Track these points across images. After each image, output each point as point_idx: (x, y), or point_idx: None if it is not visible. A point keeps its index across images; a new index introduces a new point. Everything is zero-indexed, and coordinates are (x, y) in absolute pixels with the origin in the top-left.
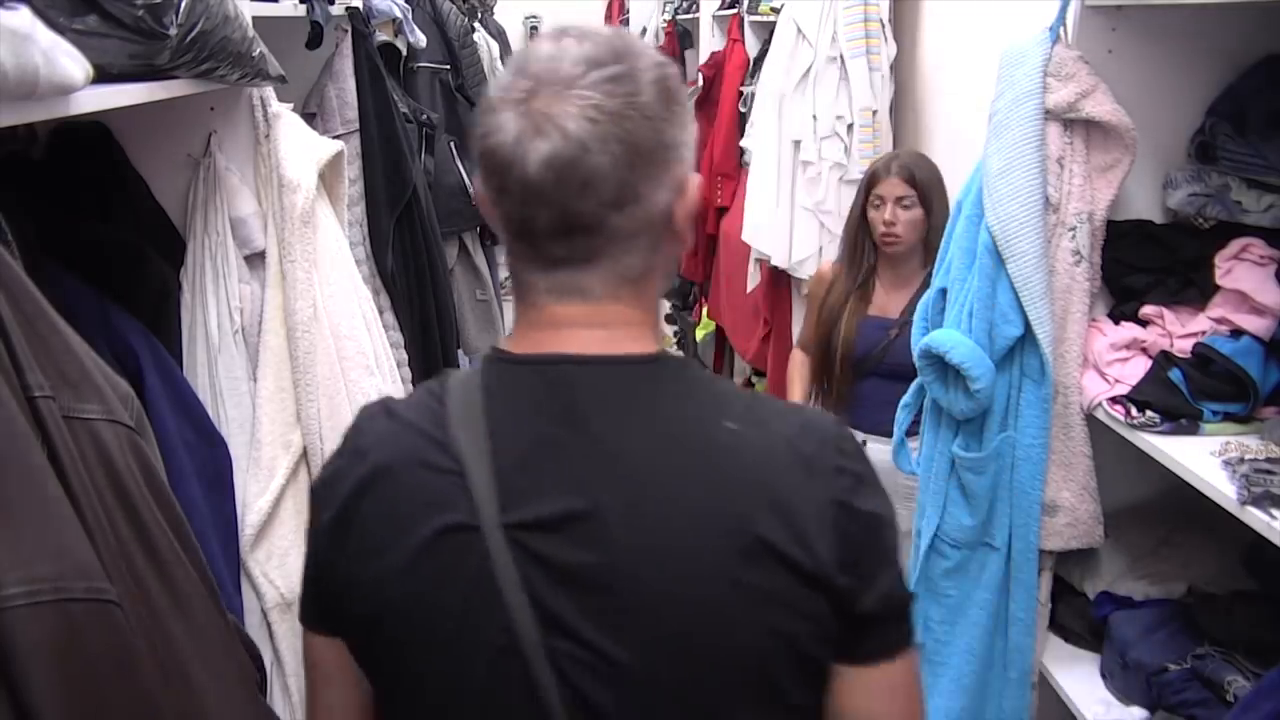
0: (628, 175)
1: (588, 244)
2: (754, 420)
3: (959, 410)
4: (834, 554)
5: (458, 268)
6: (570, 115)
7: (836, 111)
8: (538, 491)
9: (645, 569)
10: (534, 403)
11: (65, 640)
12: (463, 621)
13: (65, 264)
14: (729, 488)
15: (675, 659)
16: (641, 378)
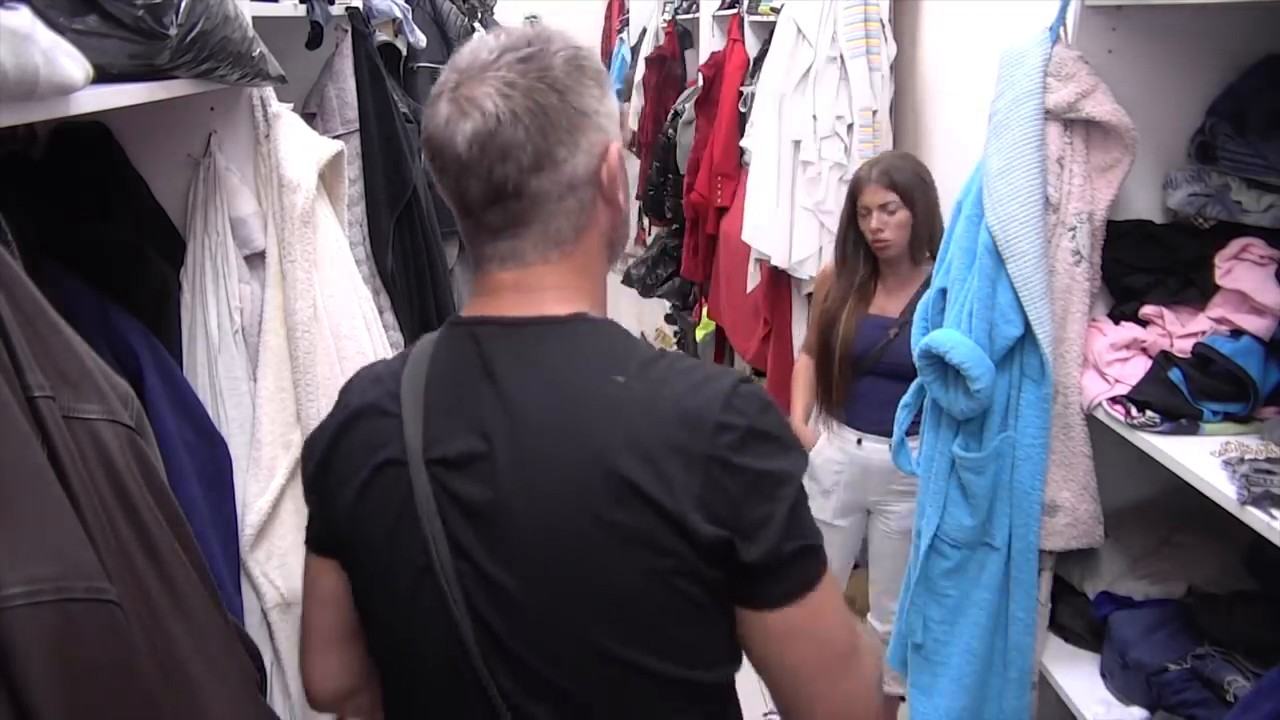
0: (541, 142)
1: (517, 209)
2: (648, 377)
3: (959, 410)
4: (704, 507)
5: (458, 268)
6: (487, 95)
7: (836, 111)
8: (452, 434)
9: (525, 506)
10: (463, 359)
11: (65, 640)
12: (393, 543)
13: (65, 264)
14: (601, 435)
15: (553, 589)
16: (547, 336)
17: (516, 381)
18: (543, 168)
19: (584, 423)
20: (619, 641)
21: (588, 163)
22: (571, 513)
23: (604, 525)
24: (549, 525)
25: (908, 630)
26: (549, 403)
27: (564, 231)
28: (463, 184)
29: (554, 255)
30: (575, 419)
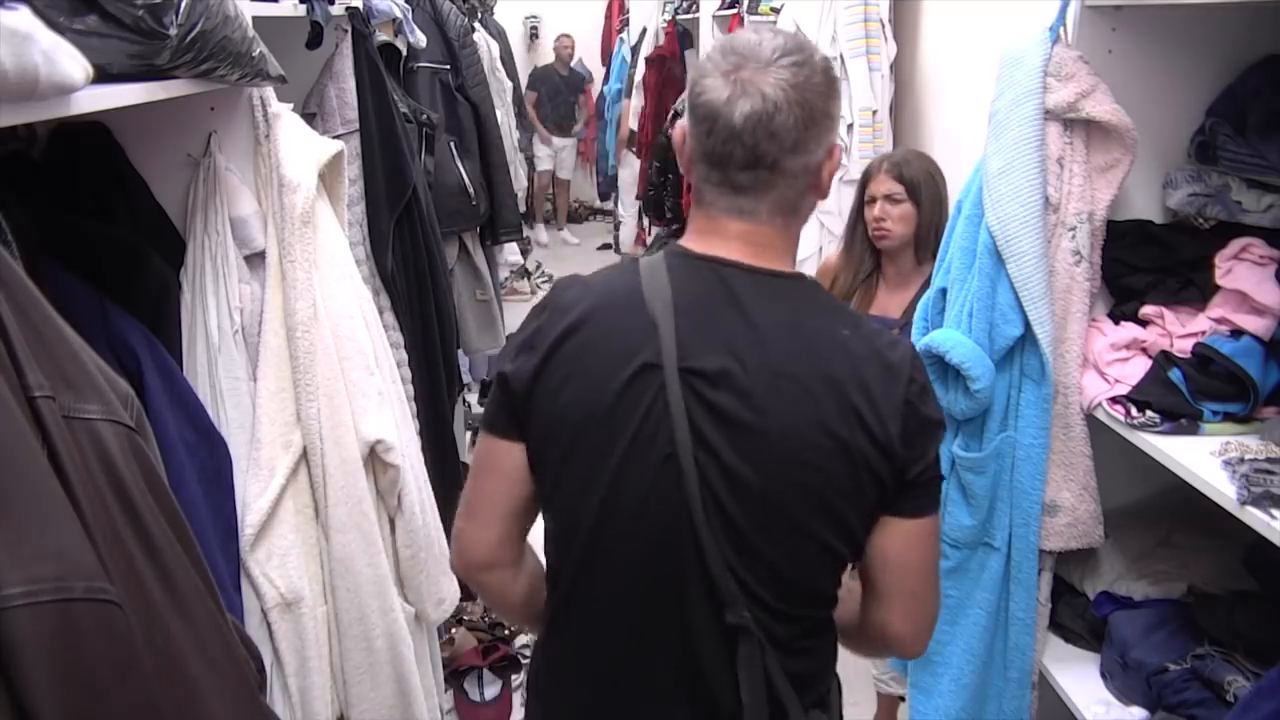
0: (802, 132)
1: (767, 177)
2: (859, 332)
3: (959, 410)
4: (899, 433)
5: (458, 268)
6: (768, 84)
7: None
8: (704, 349)
9: (769, 416)
10: (708, 287)
11: (65, 640)
12: (639, 433)
13: (65, 264)
14: (836, 370)
15: (784, 480)
16: (784, 287)
17: (765, 317)
18: (797, 151)
19: (821, 358)
20: (818, 523)
21: (821, 155)
22: (807, 426)
23: (831, 437)
24: (789, 433)
25: None
26: (793, 338)
27: (791, 201)
28: (729, 147)
29: (779, 220)
30: (815, 354)
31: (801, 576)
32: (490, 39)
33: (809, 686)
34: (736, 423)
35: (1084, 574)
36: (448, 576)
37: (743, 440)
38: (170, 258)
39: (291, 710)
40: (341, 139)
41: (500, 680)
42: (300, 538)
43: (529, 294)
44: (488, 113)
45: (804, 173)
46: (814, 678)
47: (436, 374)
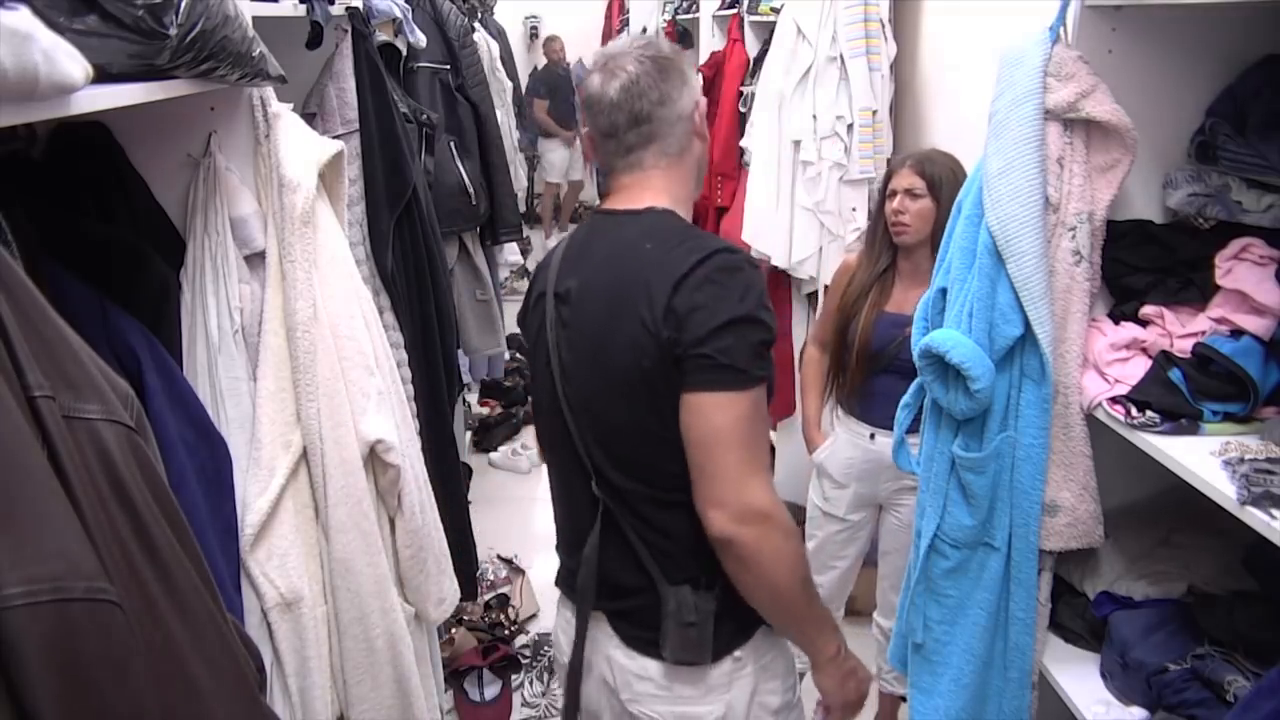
0: (662, 86)
1: (648, 129)
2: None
3: (959, 410)
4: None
5: (458, 268)
6: (630, 63)
7: (836, 111)
8: (566, 278)
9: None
10: (585, 232)
11: (65, 640)
12: (538, 340)
13: (65, 264)
14: (626, 275)
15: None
16: (629, 220)
17: (602, 247)
18: (663, 103)
19: (619, 269)
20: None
21: (687, 105)
22: (602, 321)
23: (619, 331)
24: (590, 328)
25: (908, 630)
26: (608, 257)
27: (671, 148)
28: (614, 117)
29: (663, 163)
30: (616, 267)
31: (630, 453)
32: (490, 39)
33: (677, 564)
34: (569, 327)
35: (1084, 574)
36: (448, 576)
37: (573, 340)
38: (170, 258)
39: (291, 710)
40: (341, 139)
41: (500, 680)
42: (300, 538)
43: None
44: (488, 113)
45: (677, 119)
46: (682, 557)
47: (436, 374)
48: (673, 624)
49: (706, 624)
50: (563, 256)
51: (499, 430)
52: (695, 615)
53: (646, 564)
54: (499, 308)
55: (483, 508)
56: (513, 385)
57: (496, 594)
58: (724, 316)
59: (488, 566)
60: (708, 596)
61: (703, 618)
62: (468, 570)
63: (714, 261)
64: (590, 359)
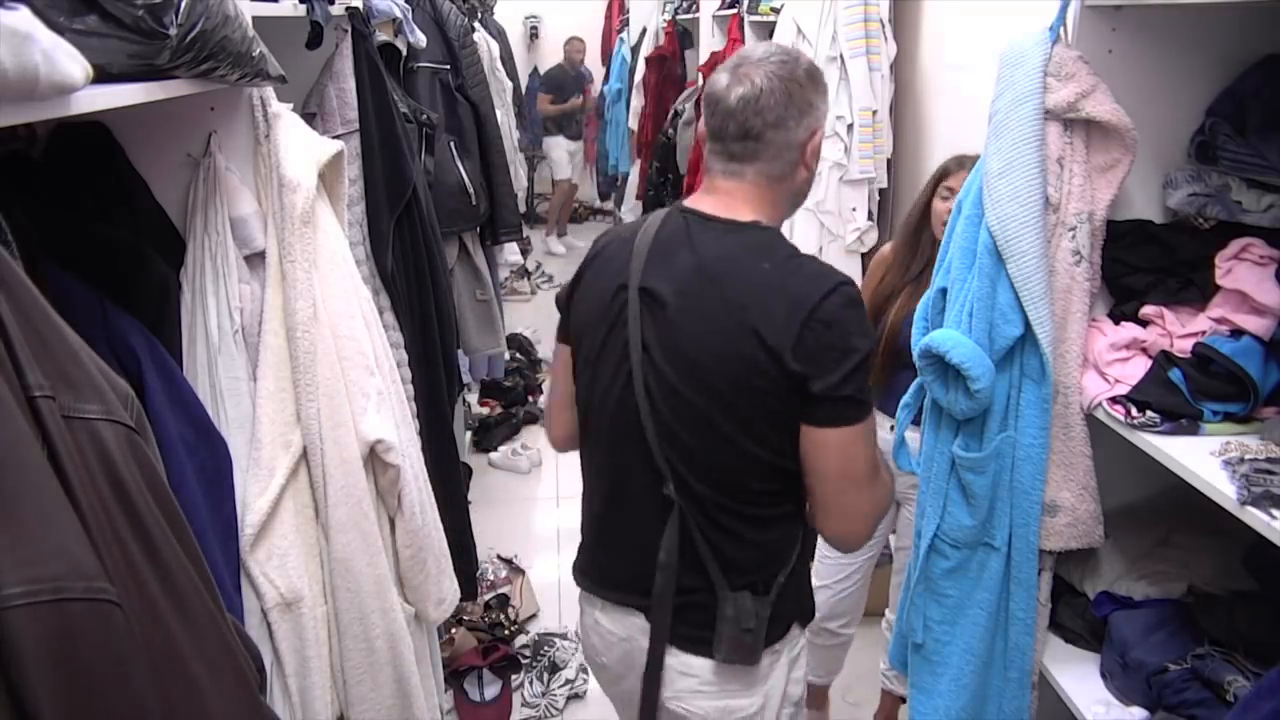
0: (783, 110)
1: (754, 146)
2: (783, 267)
3: (959, 410)
4: (792, 349)
5: (458, 268)
6: (759, 75)
7: (836, 111)
8: (658, 276)
9: (687, 326)
10: (677, 231)
11: (65, 640)
12: (610, 336)
13: (65, 264)
14: (746, 296)
15: (690, 380)
16: (732, 230)
17: (705, 254)
18: (779, 127)
19: (729, 286)
20: (722, 419)
21: (801, 135)
22: (711, 334)
23: (729, 350)
24: (695, 339)
25: (908, 630)
26: (716, 269)
27: (775, 171)
28: (726, 122)
29: (763, 182)
30: (725, 283)
31: (715, 465)
32: (490, 39)
33: (740, 571)
34: (665, 332)
35: (1084, 574)
36: (448, 576)
37: (668, 347)
38: (170, 258)
39: (291, 710)
40: (341, 139)
41: (500, 680)
42: (300, 538)
43: (529, 294)
44: (488, 113)
45: (786, 147)
46: (747, 565)
47: (436, 374)
48: (729, 628)
49: (763, 628)
50: (649, 251)
51: (499, 430)
52: (754, 622)
53: (710, 569)
54: (499, 308)
55: (483, 508)
56: (513, 385)
57: (496, 594)
58: (856, 356)
59: (488, 566)
60: (764, 602)
61: (760, 623)
62: (468, 570)
63: (841, 294)
64: (688, 368)
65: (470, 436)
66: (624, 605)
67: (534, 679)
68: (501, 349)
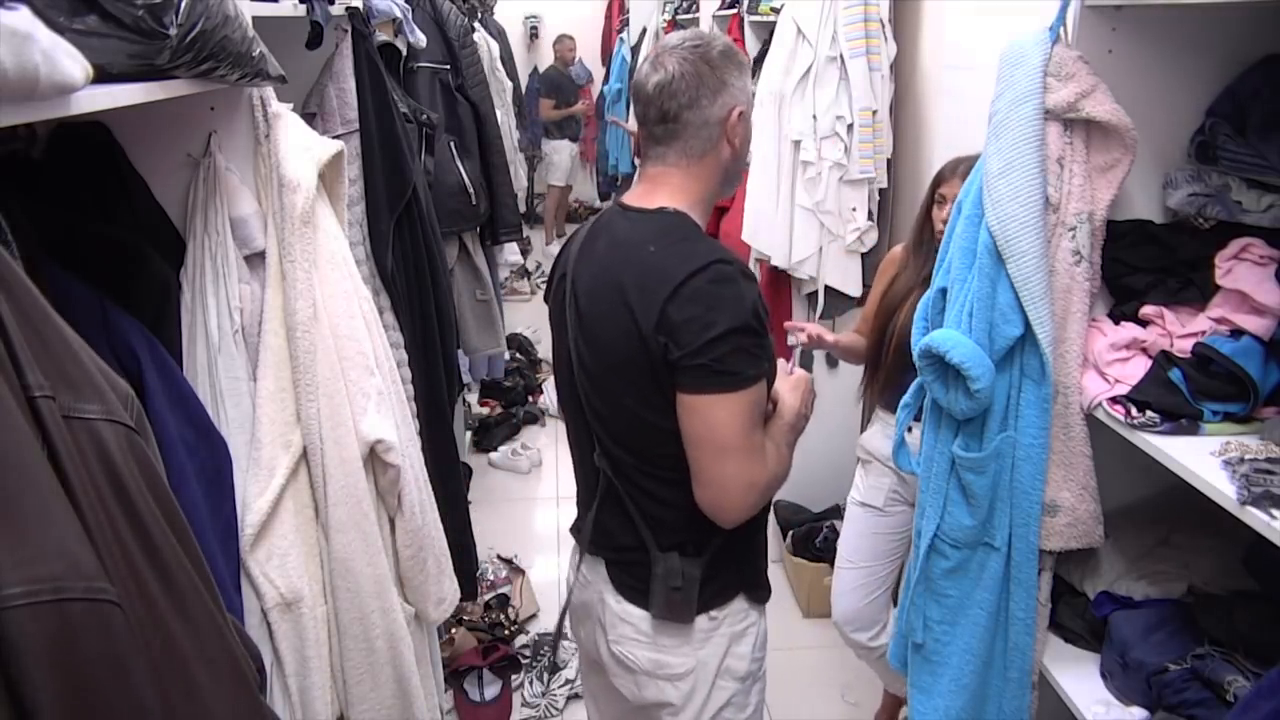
0: (694, 91)
1: (673, 128)
2: (667, 250)
3: (959, 410)
4: (655, 324)
5: (458, 268)
6: (672, 60)
7: (836, 111)
8: (583, 266)
9: (590, 307)
10: (606, 223)
11: (65, 640)
12: (559, 321)
13: (65, 264)
14: (625, 276)
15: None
16: (642, 219)
17: (613, 241)
18: (693, 107)
19: (621, 268)
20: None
21: (719, 112)
22: (602, 318)
23: (616, 326)
24: (594, 318)
25: (908, 630)
26: (613, 255)
27: (694, 149)
28: (648, 109)
29: (683, 163)
30: (618, 265)
31: (622, 431)
32: (490, 39)
33: (668, 531)
34: (578, 314)
35: (1084, 574)
36: (448, 576)
37: (582, 327)
38: (170, 258)
39: (291, 710)
40: (341, 139)
41: (500, 680)
42: (300, 538)
43: (529, 294)
44: (488, 113)
45: (703, 124)
46: (674, 525)
47: (436, 374)
48: (660, 586)
49: (692, 588)
50: (581, 241)
51: (499, 430)
52: (681, 581)
53: (640, 529)
54: (499, 308)
55: (483, 508)
56: (513, 385)
57: (496, 594)
58: (719, 329)
59: (488, 566)
60: (695, 563)
61: (689, 583)
62: (468, 570)
63: (709, 273)
64: (594, 346)
65: (470, 436)
66: (594, 554)
67: (534, 679)
68: (501, 349)
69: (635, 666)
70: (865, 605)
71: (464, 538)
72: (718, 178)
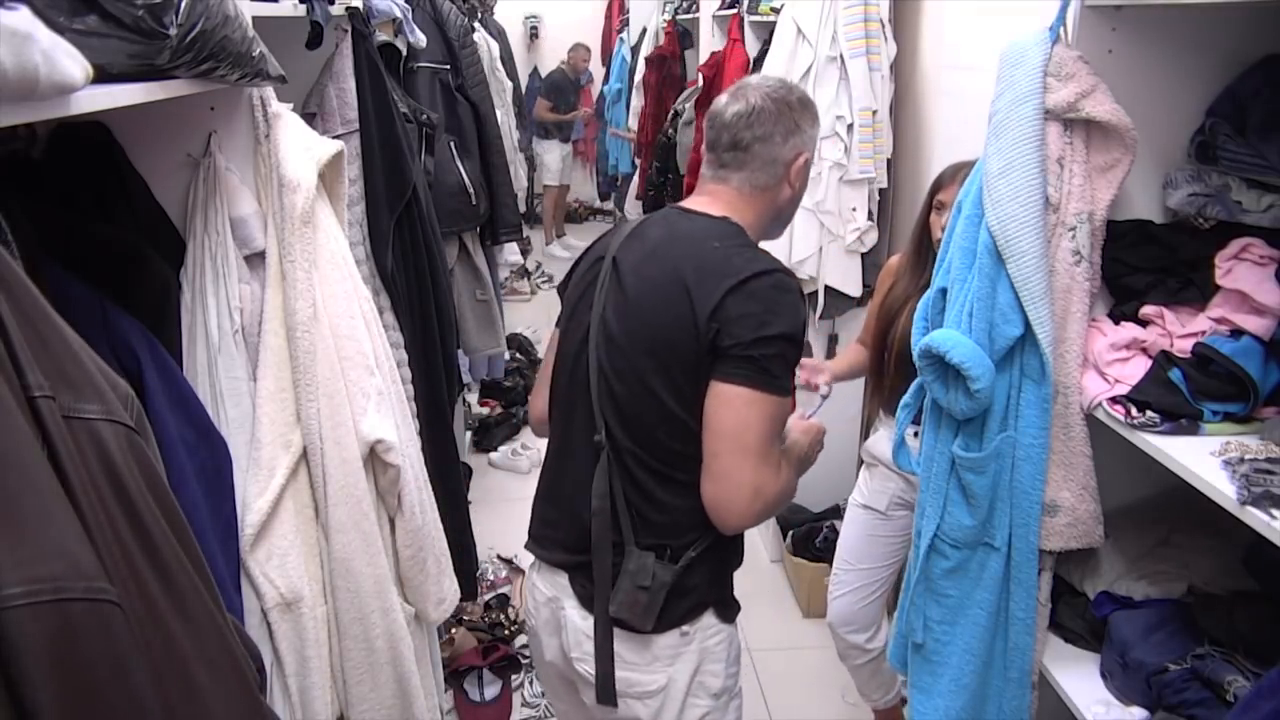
0: (771, 127)
1: (742, 156)
2: (731, 250)
3: (959, 410)
4: (712, 310)
5: (458, 268)
6: (755, 95)
7: (836, 111)
8: (629, 252)
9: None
10: (659, 219)
11: (65, 640)
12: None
13: (65, 264)
14: (684, 265)
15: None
16: (701, 219)
17: (671, 235)
18: (766, 142)
19: (680, 258)
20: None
21: (787, 153)
22: (654, 295)
23: (665, 308)
24: (642, 299)
25: (908, 630)
26: (673, 246)
27: (759, 181)
28: (721, 134)
29: (746, 189)
30: (677, 256)
31: (636, 415)
32: (490, 39)
33: (649, 530)
34: (620, 292)
35: (1084, 574)
36: (448, 576)
37: (620, 306)
38: (170, 258)
39: (291, 710)
40: (341, 139)
41: (500, 680)
42: (300, 538)
43: (529, 294)
44: (488, 113)
45: (771, 161)
46: (657, 525)
47: (436, 374)
48: (627, 582)
49: (659, 593)
50: (630, 232)
51: (499, 430)
52: (650, 581)
53: (621, 522)
54: (499, 308)
55: (483, 508)
56: (513, 385)
57: (496, 594)
58: (773, 329)
59: (488, 566)
60: (667, 569)
61: (657, 586)
62: (468, 570)
63: (772, 278)
64: (634, 327)
65: (470, 436)
66: (555, 565)
67: (534, 679)
68: (501, 349)
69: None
70: (863, 607)
71: (464, 538)
72: (771, 214)
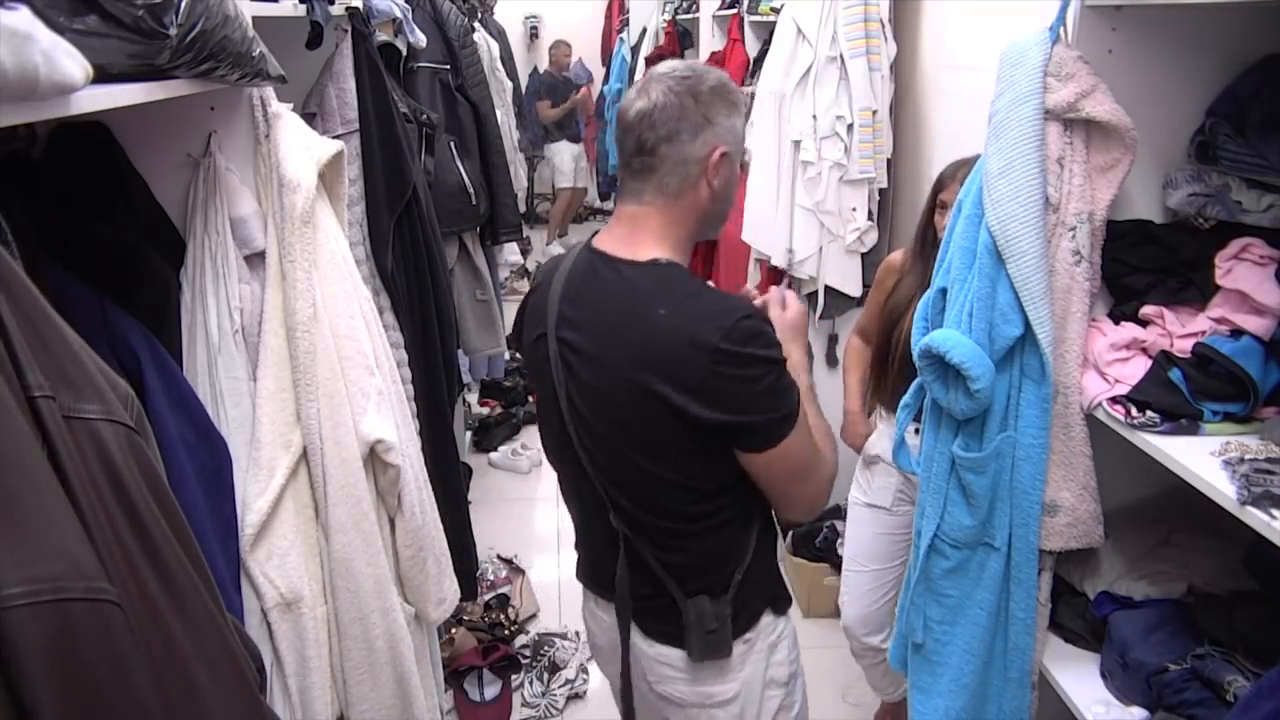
0: (675, 124)
1: (650, 161)
2: (681, 310)
3: (959, 410)
4: (706, 396)
5: (458, 268)
6: (658, 90)
7: (836, 111)
8: (570, 324)
9: (600, 378)
10: (584, 275)
11: (65, 640)
12: (542, 379)
13: (65, 264)
14: (648, 346)
15: (605, 421)
16: (634, 274)
17: (610, 299)
18: (672, 141)
19: (634, 333)
20: (636, 452)
21: (699, 151)
22: (621, 387)
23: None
24: (608, 392)
25: (908, 630)
26: (618, 319)
27: (671, 186)
28: (626, 138)
29: (659, 202)
30: (631, 333)
31: (646, 495)
32: (490, 39)
33: (689, 578)
34: (581, 377)
35: (1084, 574)
36: (448, 576)
37: (585, 390)
38: (170, 258)
39: (291, 710)
40: (341, 139)
41: (500, 680)
42: (300, 538)
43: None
44: (488, 113)
45: (681, 162)
46: (695, 571)
47: (436, 374)
48: (696, 633)
49: (725, 626)
50: (561, 296)
51: (499, 430)
52: (715, 622)
53: (664, 581)
54: (499, 308)
55: (483, 508)
56: (513, 385)
57: (496, 594)
58: (764, 384)
59: (488, 566)
60: (724, 602)
61: (722, 623)
62: (468, 570)
63: (740, 330)
64: (608, 417)
65: (470, 436)
66: (609, 601)
67: (534, 679)
68: (501, 349)
69: (682, 701)
70: (877, 608)
71: (464, 538)
72: (695, 219)
